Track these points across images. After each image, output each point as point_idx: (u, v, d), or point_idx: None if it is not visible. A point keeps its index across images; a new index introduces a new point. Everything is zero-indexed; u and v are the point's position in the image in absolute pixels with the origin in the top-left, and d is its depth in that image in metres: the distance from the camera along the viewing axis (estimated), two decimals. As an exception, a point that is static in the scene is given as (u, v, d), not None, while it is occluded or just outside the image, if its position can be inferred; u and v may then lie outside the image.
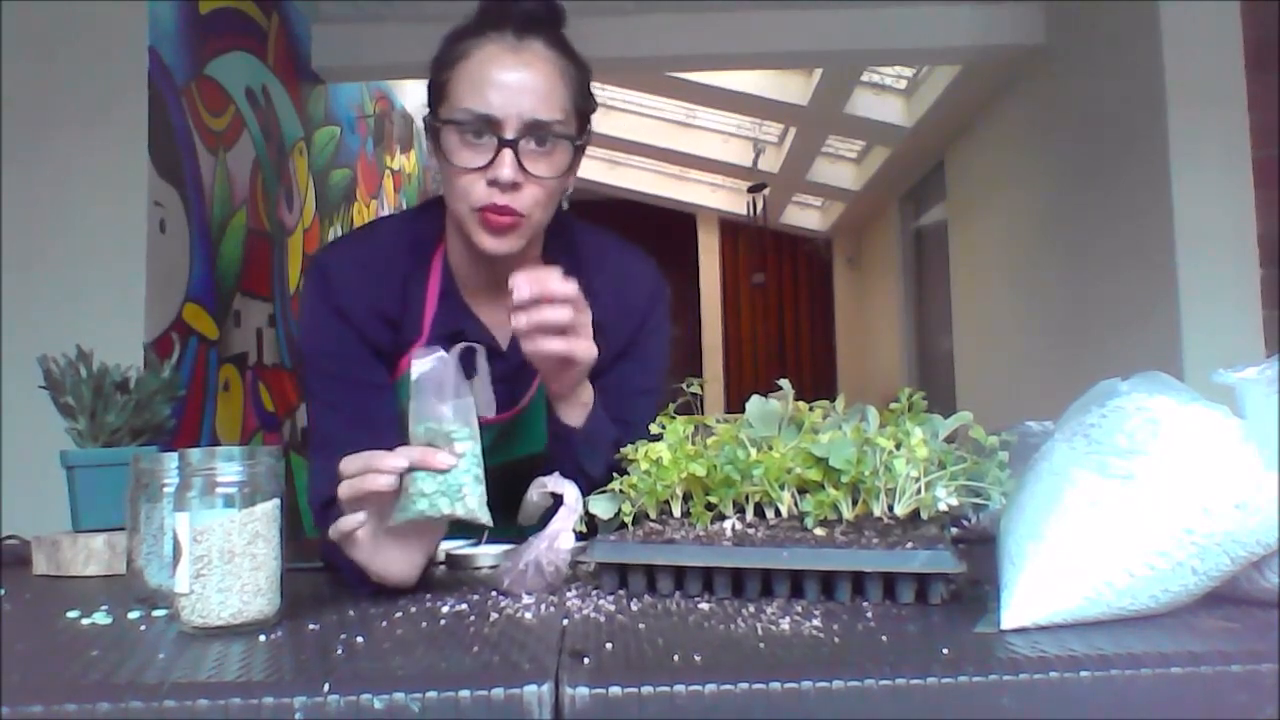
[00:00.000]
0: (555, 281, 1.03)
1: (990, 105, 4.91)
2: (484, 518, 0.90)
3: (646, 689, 0.61)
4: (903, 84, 5.61)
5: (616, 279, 1.26)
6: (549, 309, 1.03)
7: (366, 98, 4.74)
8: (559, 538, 0.93)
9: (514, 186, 1.10)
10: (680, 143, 7.12)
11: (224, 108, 3.26)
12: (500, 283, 1.20)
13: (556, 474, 0.99)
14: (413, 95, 5.52)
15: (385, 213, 5.01)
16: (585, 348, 1.07)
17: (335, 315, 1.18)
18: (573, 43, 1.17)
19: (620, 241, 1.32)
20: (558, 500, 0.96)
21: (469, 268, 1.22)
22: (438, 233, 1.23)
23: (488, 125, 1.10)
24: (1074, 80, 3.85)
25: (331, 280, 1.19)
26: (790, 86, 5.67)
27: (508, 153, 1.09)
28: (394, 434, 1.18)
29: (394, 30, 4.04)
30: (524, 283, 1.02)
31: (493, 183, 1.10)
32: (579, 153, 1.18)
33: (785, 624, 0.76)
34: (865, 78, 5.50)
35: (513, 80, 1.10)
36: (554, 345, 1.05)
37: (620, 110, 6.66)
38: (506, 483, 1.05)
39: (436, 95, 1.16)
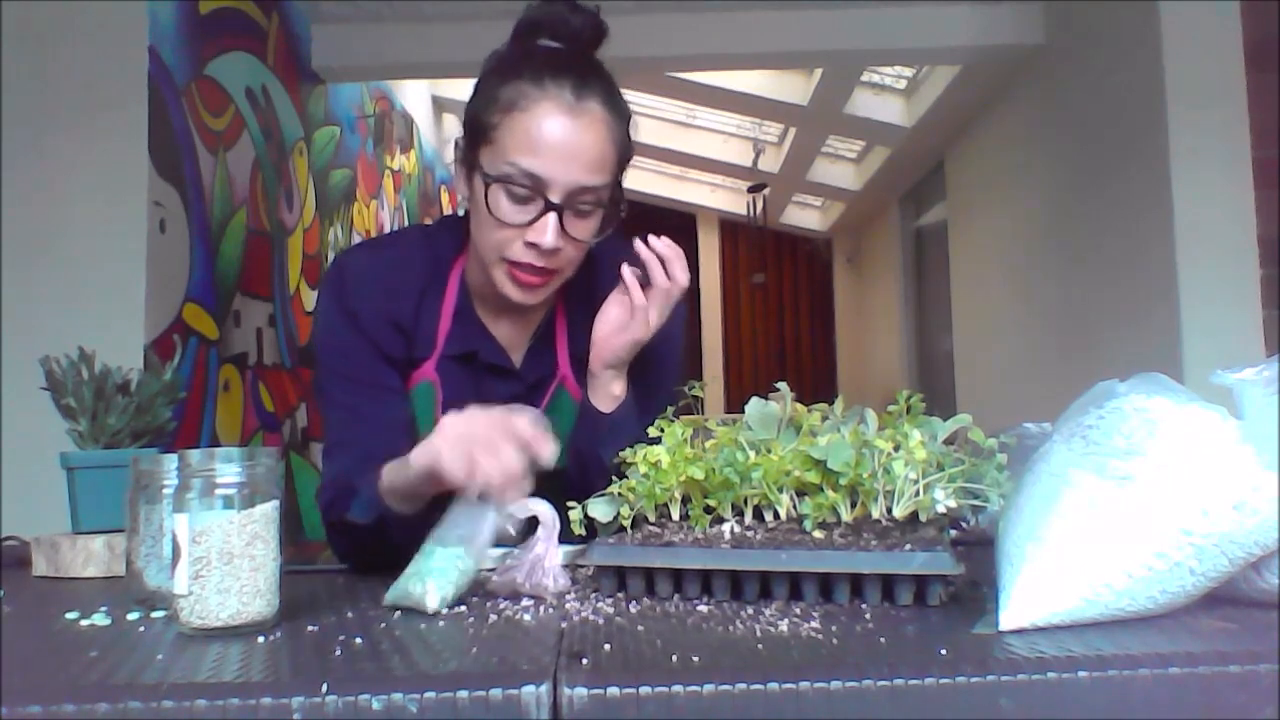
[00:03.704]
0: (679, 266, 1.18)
1: (990, 105, 4.91)
2: (431, 608, 0.86)
3: (645, 689, 0.61)
4: (903, 84, 5.61)
5: None
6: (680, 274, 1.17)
7: (366, 98, 4.74)
8: (546, 558, 0.92)
9: (552, 250, 1.10)
10: (680, 143, 7.12)
11: (224, 108, 3.26)
12: (515, 304, 1.21)
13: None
14: (413, 95, 5.51)
15: (385, 212, 5.02)
16: (651, 321, 1.16)
17: (346, 317, 1.18)
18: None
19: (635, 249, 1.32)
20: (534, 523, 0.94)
21: (486, 288, 1.21)
22: (456, 250, 1.23)
23: (535, 186, 1.09)
24: (1074, 80, 3.85)
25: (346, 282, 1.19)
26: (790, 86, 5.67)
27: (552, 217, 1.09)
28: (403, 436, 1.18)
29: (394, 30, 4.04)
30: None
31: (531, 244, 1.10)
32: (615, 211, 1.17)
33: (784, 625, 0.76)
34: (865, 78, 5.50)
35: (568, 145, 1.08)
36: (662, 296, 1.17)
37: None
38: None
39: (480, 134, 1.12)
